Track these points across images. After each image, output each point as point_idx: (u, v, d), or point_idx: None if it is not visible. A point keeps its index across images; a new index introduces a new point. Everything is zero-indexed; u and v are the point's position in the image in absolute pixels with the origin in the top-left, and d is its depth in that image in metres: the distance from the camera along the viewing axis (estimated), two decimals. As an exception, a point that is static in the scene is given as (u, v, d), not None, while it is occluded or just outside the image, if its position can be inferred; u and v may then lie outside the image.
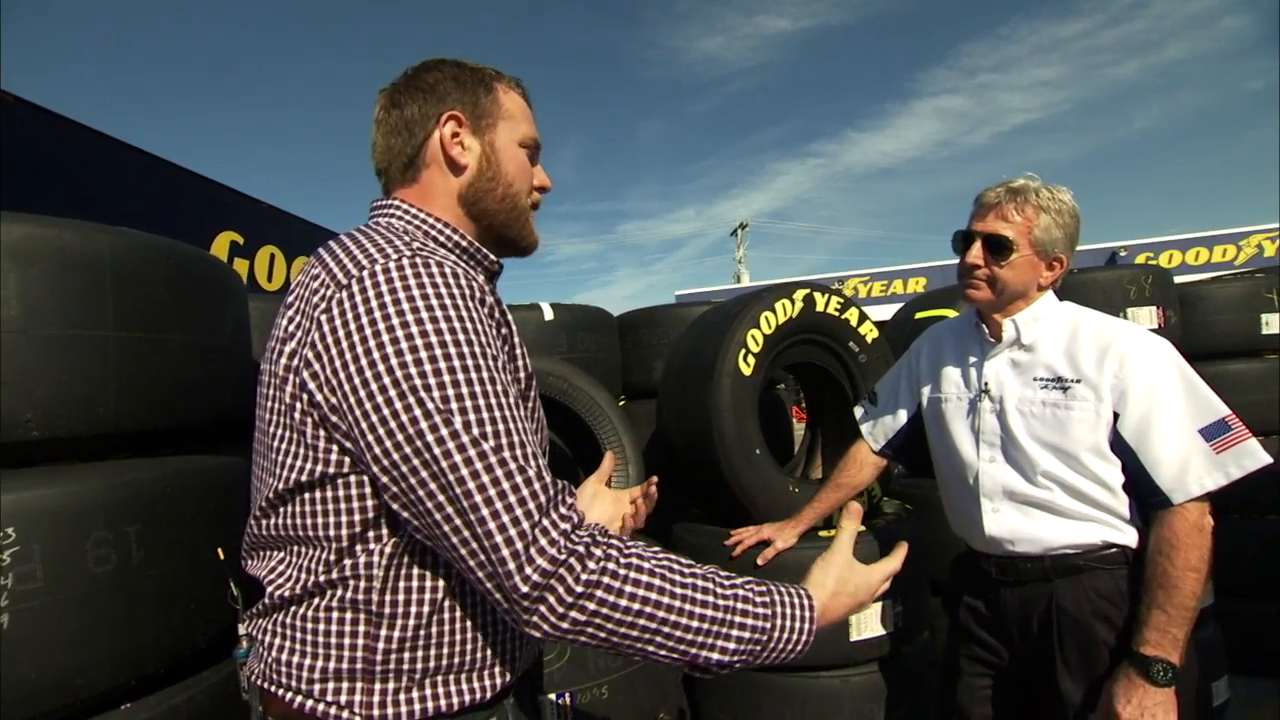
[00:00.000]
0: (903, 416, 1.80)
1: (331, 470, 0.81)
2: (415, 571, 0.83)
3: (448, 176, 0.97)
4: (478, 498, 0.72)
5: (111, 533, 1.27)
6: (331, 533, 0.82)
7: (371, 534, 0.82)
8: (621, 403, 3.00)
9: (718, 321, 2.12)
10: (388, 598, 0.81)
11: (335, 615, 0.82)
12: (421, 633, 0.82)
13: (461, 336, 0.76)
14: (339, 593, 0.82)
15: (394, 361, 0.74)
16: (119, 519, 1.28)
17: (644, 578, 0.77)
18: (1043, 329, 1.49)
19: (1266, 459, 1.31)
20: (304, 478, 0.81)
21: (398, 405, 0.73)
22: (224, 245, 5.19)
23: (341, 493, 0.81)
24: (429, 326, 0.75)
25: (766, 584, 0.87)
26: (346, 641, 0.82)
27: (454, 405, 0.73)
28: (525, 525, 0.72)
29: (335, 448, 0.80)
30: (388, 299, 0.76)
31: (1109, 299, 2.85)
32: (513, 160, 1.01)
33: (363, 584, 0.81)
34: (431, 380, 0.73)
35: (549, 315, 2.45)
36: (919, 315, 2.74)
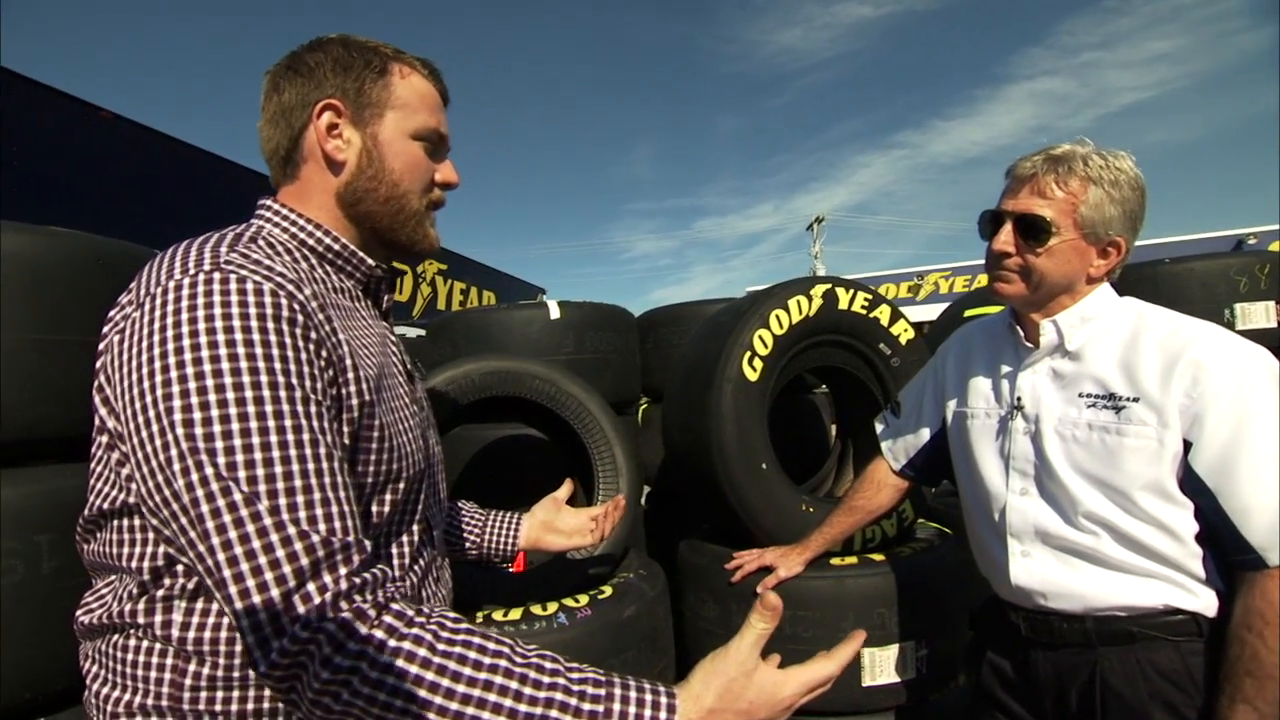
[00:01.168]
0: (925, 433, 1.47)
1: (132, 499, 0.73)
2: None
3: (325, 174, 0.86)
4: (220, 556, 0.61)
5: (20, 543, 1.17)
6: (135, 563, 0.74)
7: (179, 566, 0.73)
8: (644, 405, 2.76)
9: (726, 321, 1.85)
10: (192, 634, 0.73)
11: (145, 646, 0.74)
12: (235, 674, 0.73)
13: (245, 365, 0.65)
14: (147, 623, 0.74)
15: (159, 393, 0.64)
16: (28, 528, 1.17)
17: (413, 668, 0.61)
18: (1093, 332, 1.14)
19: None
20: (108, 504, 0.75)
21: (156, 443, 0.64)
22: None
23: (138, 521, 0.74)
24: (205, 354, 0.64)
25: (611, 681, 0.67)
26: (153, 675, 0.74)
27: (215, 445, 0.62)
28: (274, 593, 0.60)
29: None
30: (169, 321, 0.66)
31: (1211, 293, 2.35)
32: (401, 155, 0.87)
33: (171, 616, 0.73)
34: (195, 415, 0.63)
35: (555, 314, 2.24)
36: (969, 313, 2.34)
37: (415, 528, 0.90)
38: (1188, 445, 1.02)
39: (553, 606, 1.50)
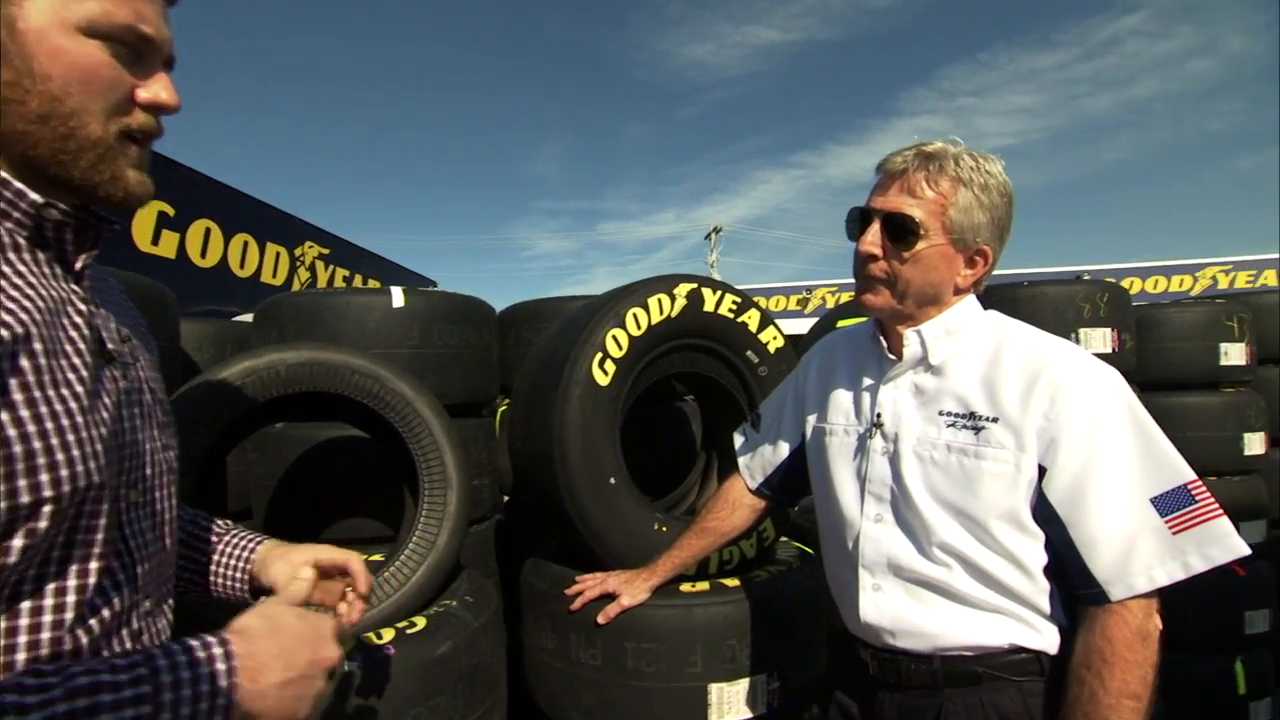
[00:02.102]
0: (784, 449, 1.31)
1: None
2: None
3: None
4: None
5: None
6: None
7: None
8: (503, 407, 2.50)
9: (579, 319, 1.63)
10: None
11: None
12: None
13: None
14: None
15: None
16: None
17: None
18: (958, 346, 1.03)
19: (1241, 548, 0.88)
20: None
21: None
22: (149, 216, 4.64)
23: None
24: None
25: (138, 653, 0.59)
26: None
27: None
28: None
29: None
30: None
31: (1060, 317, 2.37)
32: (63, 57, 0.60)
33: None
34: None
35: (399, 301, 1.95)
36: (840, 324, 2.25)
37: (93, 565, 0.63)
38: (1042, 471, 0.93)
39: (349, 644, 1.22)
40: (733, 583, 1.56)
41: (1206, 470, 2.82)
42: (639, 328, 1.59)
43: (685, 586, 1.52)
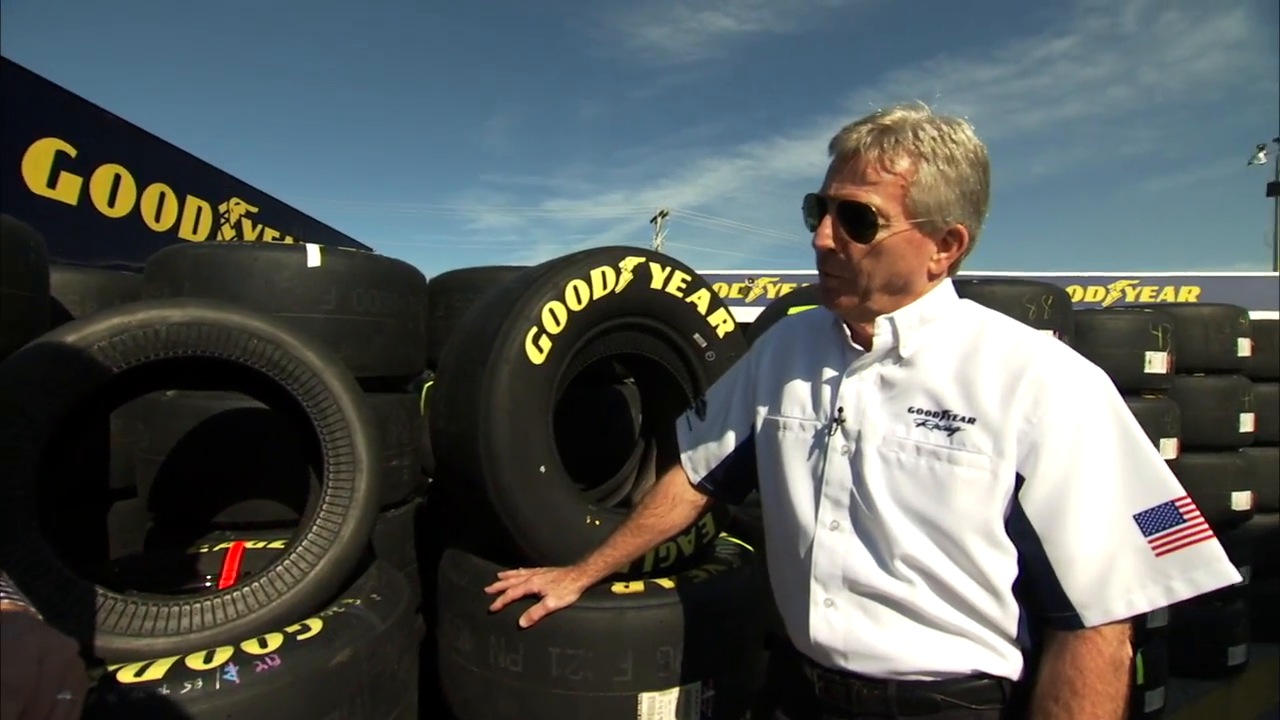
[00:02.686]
0: (731, 441, 1.18)
1: None
2: None
3: None
4: None
5: None
6: None
7: None
8: (429, 382, 2.30)
9: (513, 289, 1.45)
10: None
11: None
12: None
13: None
14: None
15: None
16: None
17: None
18: (932, 336, 0.92)
19: (1231, 575, 0.79)
20: None
21: None
22: (45, 155, 4.13)
23: None
24: None
25: None
26: None
27: None
28: None
29: None
30: None
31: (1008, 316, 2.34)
32: None
33: None
34: None
35: (314, 260, 1.72)
36: (794, 311, 2.15)
37: None
38: (1019, 480, 0.83)
39: (223, 655, 1.03)
40: (668, 583, 1.43)
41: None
42: (579, 302, 1.43)
43: (617, 587, 1.39)
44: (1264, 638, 3.48)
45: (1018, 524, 0.84)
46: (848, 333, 0.97)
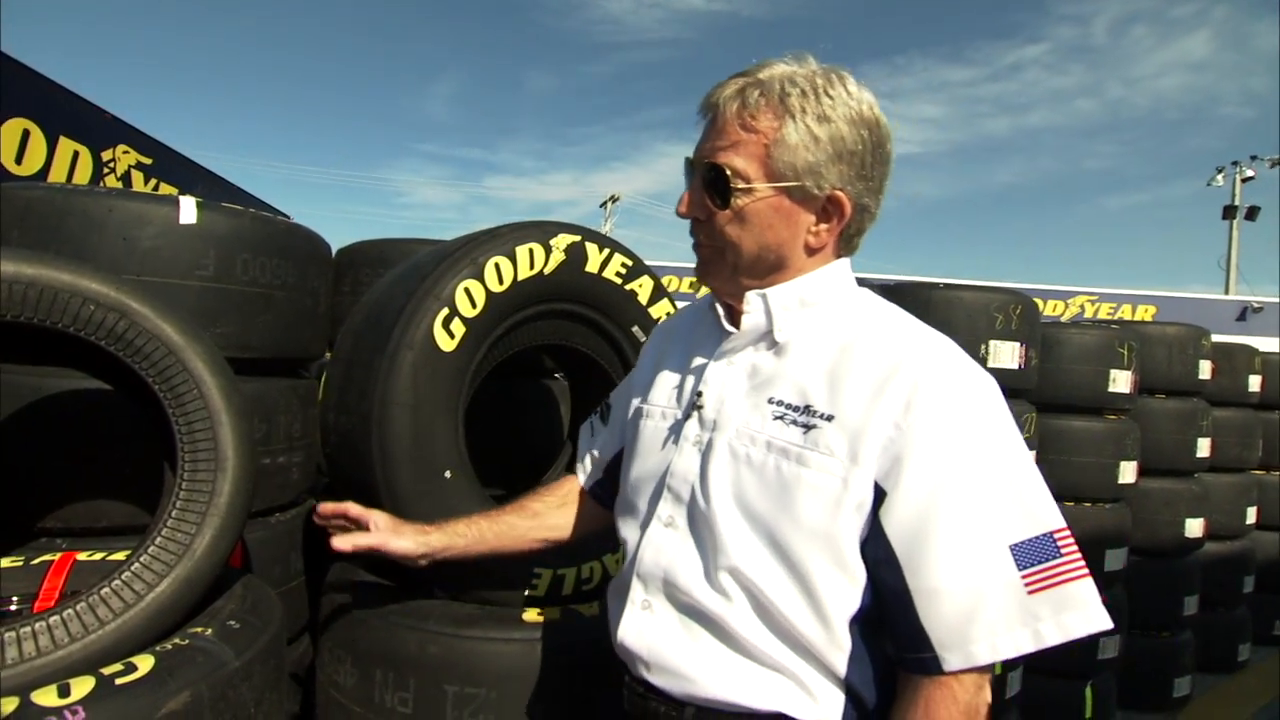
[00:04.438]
0: (616, 441, 1.10)
1: None
2: None
3: None
4: None
5: None
6: None
7: None
8: (330, 368, 2.12)
9: (423, 264, 1.31)
10: None
11: None
12: None
13: None
14: None
15: None
16: None
17: None
18: (811, 322, 0.86)
19: (1102, 621, 0.74)
20: None
21: None
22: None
23: None
24: None
25: None
26: None
27: None
28: None
29: None
30: None
31: (973, 325, 2.32)
32: None
33: None
34: None
35: (190, 217, 1.53)
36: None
37: None
38: (880, 494, 0.76)
39: (5, 707, 0.86)
40: (591, 610, 1.32)
41: (1082, 496, 2.94)
42: (501, 282, 1.30)
43: (529, 614, 1.27)
44: (1209, 668, 3.63)
45: (876, 547, 0.76)
46: (721, 313, 0.91)
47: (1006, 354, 2.39)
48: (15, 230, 1.42)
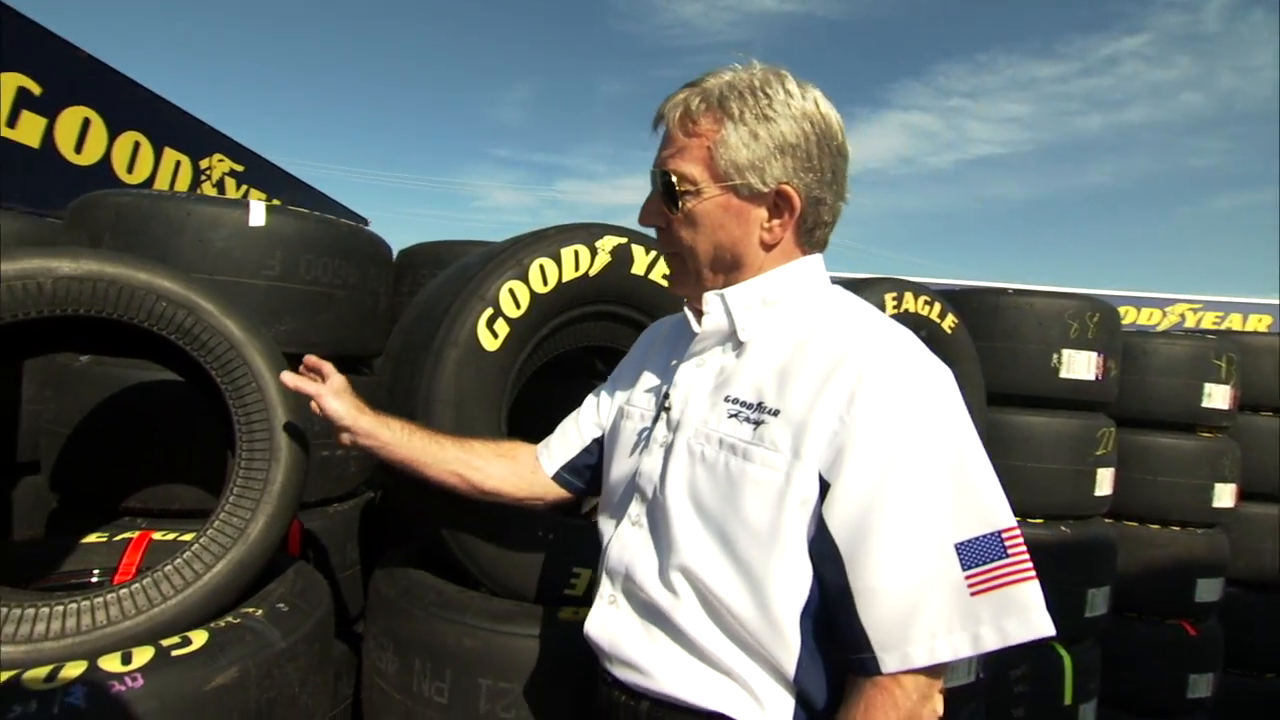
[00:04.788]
0: (591, 431, 1.12)
1: None
2: None
3: None
4: None
5: None
6: None
7: None
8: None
9: (471, 265, 1.35)
10: None
11: None
12: None
13: None
14: None
15: None
16: None
17: None
18: (774, 321, 0.86)
19: (1044, 627, 0.71)
20: None
21: None
22: (6, 91, 4.09)
23: None
24: None
25: None
26: None
27: None
28: None
29: None
30: None
31: (1045, 333, 2.21)
32: None
33: None
34: None
35: (258, 219, 1.62)
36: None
37: None
38: (825, 489, 0.75)
39: (72, 670, 0.94)
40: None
41: (1169, 519, 2.75)
42: (545, 283, 1.32)
43: (565, 613, 1.28)
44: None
45: (820, 543, 0.75)
46: (690, 317, 0.91)
47: (1081, 364, 2.26)
48: (108, 234, 1.54)
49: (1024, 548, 0.72)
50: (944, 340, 1.98)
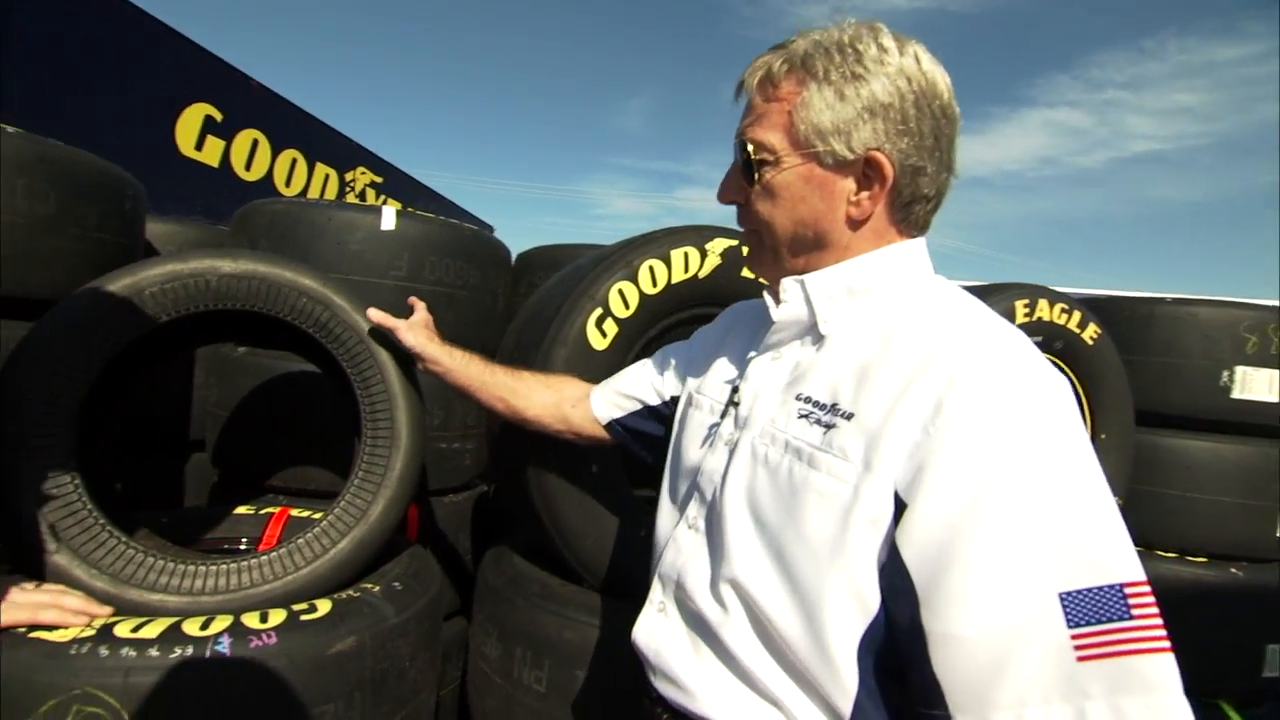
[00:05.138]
0: (651, 394, 1.10)
1: None
2: None
3: None
4: None
5: None
6: None
7: None
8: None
9: (583, 266, 1.39)
10: None
11: None
12: None
13: None
14: None
15: None
16: None
17: None
18: (860, 312, 0.76)
19: (1179, 713, 0.54)
20: None
21: None
22: (196, 118, 4.67)
23: None
24: None
25: None
26: None
27: None
28: None
29: None
30: None
31: (1212, 348, 1.97)
32: None
33: None
34: None
35: (389, 223, 1.76)
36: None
37: None
38: (901, 508, 0.62)
39: (220, 624, 1.05)
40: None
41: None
42: (654, 285, 1.34)
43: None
44: None
45: (892, 573, 0.63)
46: (770, 303, 0.83)
47: (1262, 384, 2.00)
48: (263, 238, 1.72)
49: (1155, 610, 0.57)
50: (1084, 353, 1.81)
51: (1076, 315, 1.81)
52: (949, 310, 0.72)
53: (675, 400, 1.04)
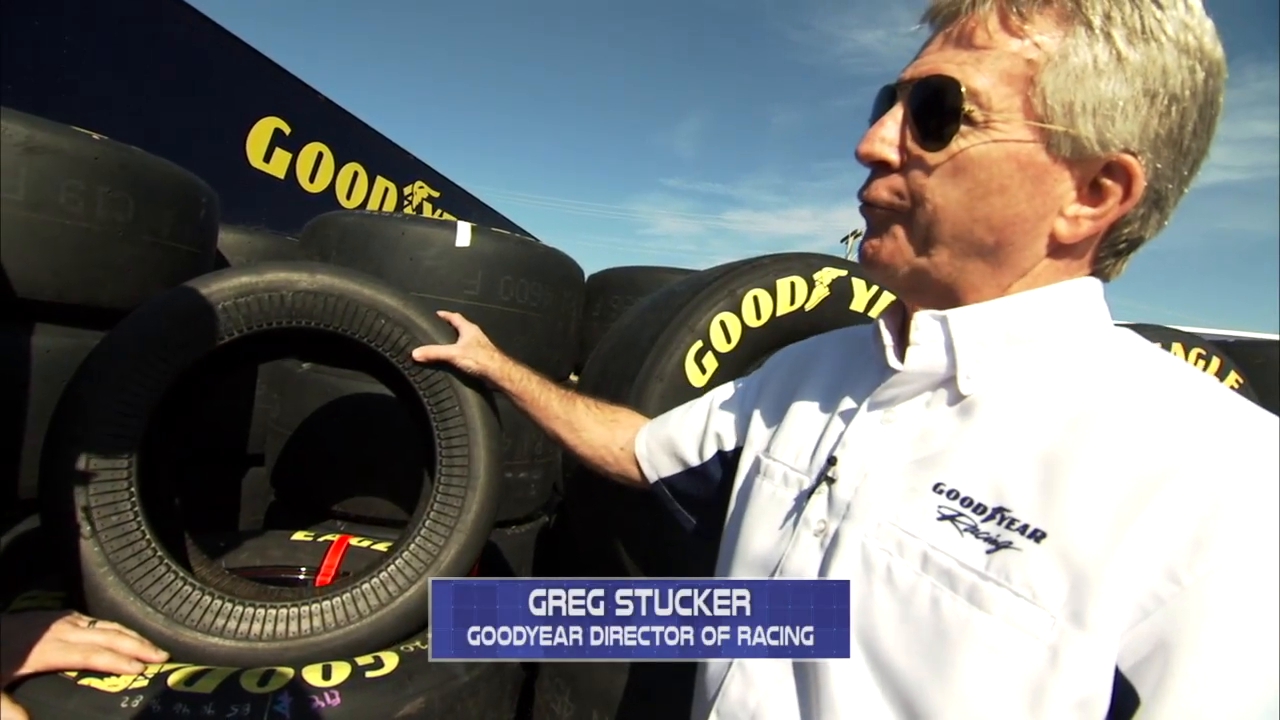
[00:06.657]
0: (696, 453, 0.88)
1: None
2: None
3: None
4: None
5: None
6: None
7: None
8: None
9: (679, 293, 1.28)
10: None
11: None
12: None
13: None
14: None
15: None
16: None
17: None
18: (1021, 369, 0.54)
19: None
20: None
21: None
22: (266, 132, 4.74)
23: None
24: None
25: None
26: None
27: None
28: None
29: None
30: None
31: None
32: None
33: None
34: None
35: (464, 240, 1.67)
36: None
37: None
38: (1127, 696, 0.42)
39: (280, 679, 0.95)
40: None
41: None
42: (758, 317, 1.22)
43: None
44: None
45: None
46: (887, 340, 0.60)
47: None
48: (334, 251, 1.65)
49: None
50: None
51: (1215, 362, 1.62)
52: (1166, 383, 0.50)
53: (729, 456, 0.83)
